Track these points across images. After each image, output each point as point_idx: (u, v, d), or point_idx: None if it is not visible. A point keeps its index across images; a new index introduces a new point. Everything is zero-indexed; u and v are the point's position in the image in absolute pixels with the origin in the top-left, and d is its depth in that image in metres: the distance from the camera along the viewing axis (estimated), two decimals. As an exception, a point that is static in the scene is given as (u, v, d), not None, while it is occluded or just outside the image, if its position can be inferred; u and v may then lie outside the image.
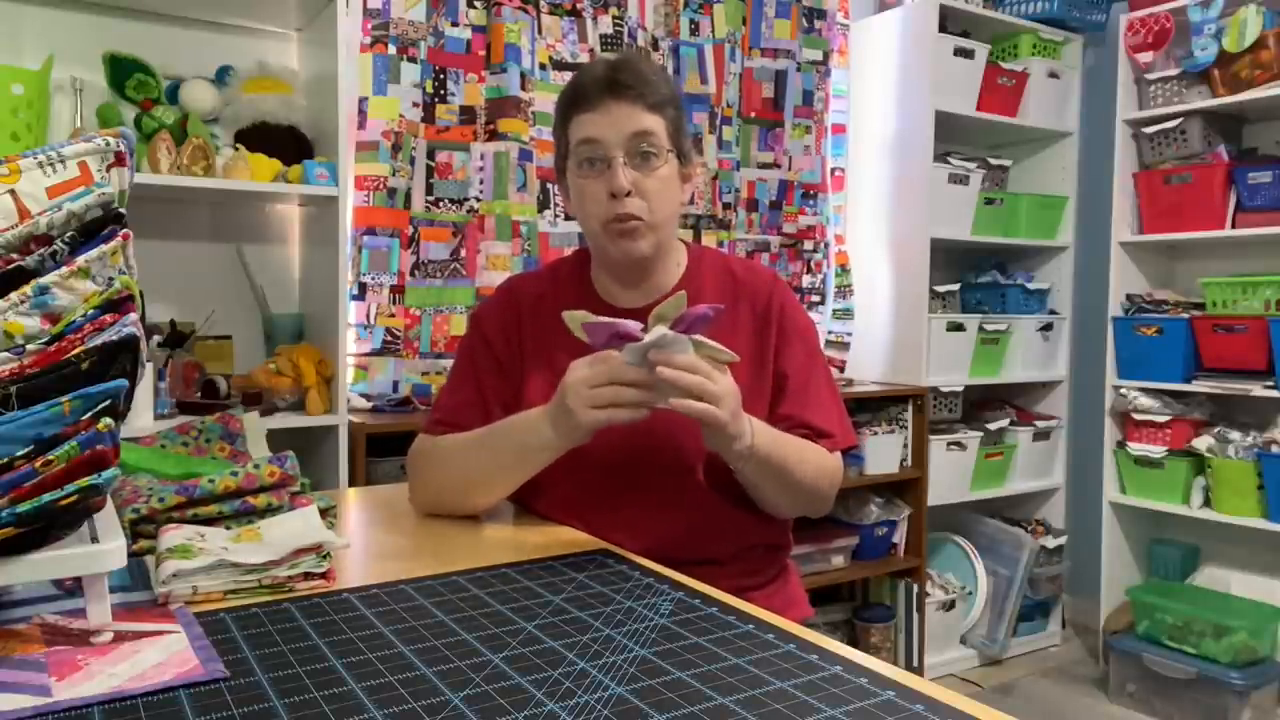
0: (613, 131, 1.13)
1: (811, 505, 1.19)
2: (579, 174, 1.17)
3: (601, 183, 1.14)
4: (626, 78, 1.14)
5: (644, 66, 1.19)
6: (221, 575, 0.84)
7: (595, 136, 1.14)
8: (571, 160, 1.18)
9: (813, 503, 1.19)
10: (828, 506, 1.21)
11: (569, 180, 1.20)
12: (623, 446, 1.14)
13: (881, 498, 2.85)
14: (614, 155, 1.13)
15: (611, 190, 1.13)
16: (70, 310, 0.73)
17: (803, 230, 2.94)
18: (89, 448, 0.69)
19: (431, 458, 1.20)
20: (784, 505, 1.18)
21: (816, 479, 1.16)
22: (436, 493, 1.19)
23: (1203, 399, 2.80)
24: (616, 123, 1.13)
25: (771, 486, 1.13)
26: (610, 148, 1.13)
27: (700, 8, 2.72)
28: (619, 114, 1.13)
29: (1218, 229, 2.69)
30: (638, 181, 1.14)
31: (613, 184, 1.13)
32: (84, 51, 1.94)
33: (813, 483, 1.15)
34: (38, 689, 0.65)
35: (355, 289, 2.25)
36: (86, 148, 0.78)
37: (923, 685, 0.68)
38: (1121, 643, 2.70)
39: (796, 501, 1.17)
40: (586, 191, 1.16)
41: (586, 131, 1.14)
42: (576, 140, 1.16)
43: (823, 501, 1.20)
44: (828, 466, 1.18)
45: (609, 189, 1.13)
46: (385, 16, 2.25)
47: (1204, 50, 2.66)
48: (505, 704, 0.64)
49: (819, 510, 1.21)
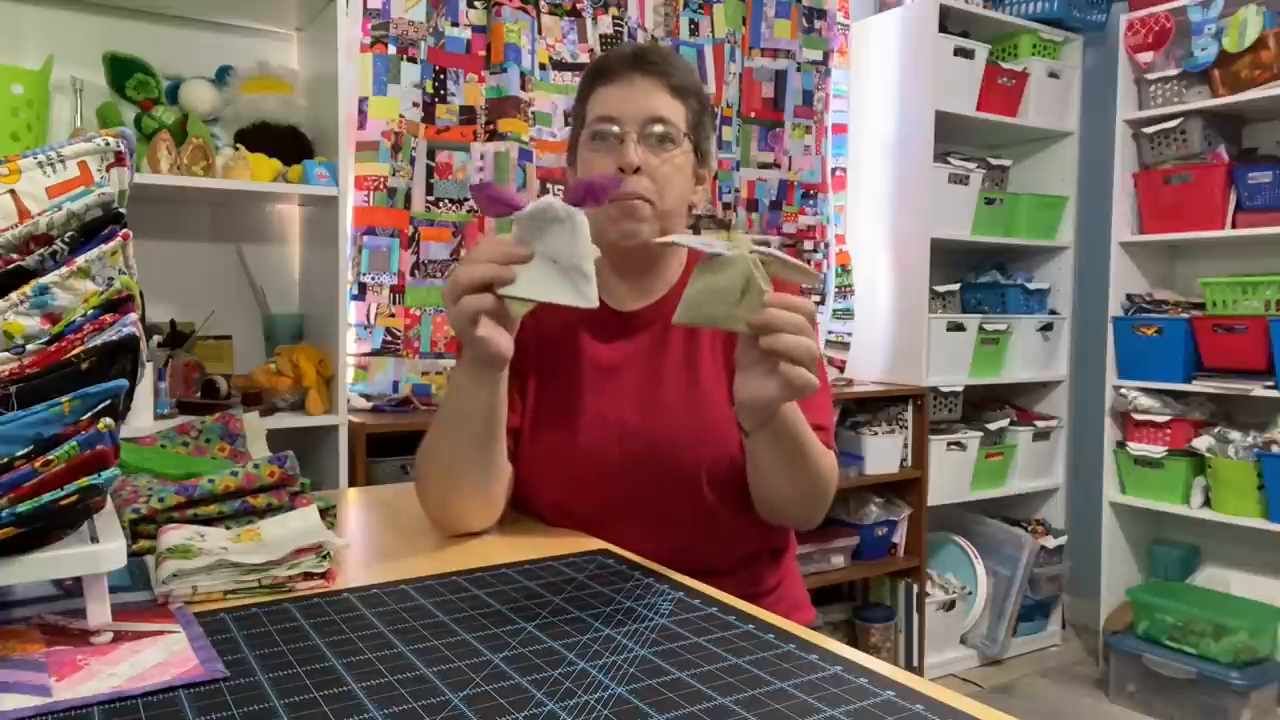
0: (631, 108, 1.11)
1: (814, 502, 1.11)
2: (590, 148, 1.14)
3: (611, 158, 1.11)
4: (654, 56, 1.14)
5: (673, 55, 1.18)
6: (221, 575, 0.84)
7: (613, 114, 1.12)
8: (584, 135, 1.16)
9: (815, 499, 1.11)
10: (822, 513, 1.14)
11: (578, 155, 1.18)
12: (624, 460, 1.12)
13: (881, 498, 2.85)
14: (628, 132, 1.11)
15: (620, 165, 1.10)
16: (70, 310, 0.73)
17: (803, 230, 2.94)
18: (89, 448, 0.69)
19: (419, 458, 1.12)
20: (790, 495, 1.09)
21: (820, 472, 1.08)
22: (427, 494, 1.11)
23: (1203, 399, 2.80)
24: (636, 98, 1.12)
25: (784, 469, 1.05)
26: (625, 124, 1.11)
27: (700, 8, 2.72)
28: (640, 89, 1.12)
29: (1218, 229, 2.69)
30: (648, 162, 1.11)
31: (622, 158, 1.10)
32: (84, 51, 1.94)
33: (817, 474, 1.07)
34: (38, 689, 0.65)
35: (355, 289, 2.25)
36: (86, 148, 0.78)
37: (923, 685, 0.67)
38: (1121, 643, 2.70)
39: (801, 491, 1.09)
40: (593, 165, 1.13)
41: (605, 106, 1.13)
42: (594, 115, 1.14)
43: (824, 500, 1.12)
44: (831, 461, 1.11)
45: (617, 163, 1.10)
46: (385, 16, 2.25)
47: (1204, 50, 2.66)
48: (505, 704, 0.64)
49: (817, 512, 1.13)
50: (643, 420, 1.13)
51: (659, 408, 1.14)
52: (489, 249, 0.90)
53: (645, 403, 1.15)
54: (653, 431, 1.13)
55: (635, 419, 1.14)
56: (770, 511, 1.13)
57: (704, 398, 1.14)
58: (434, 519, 1.11)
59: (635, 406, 1.14)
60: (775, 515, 1.14)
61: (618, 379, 1.16)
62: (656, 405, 1.14)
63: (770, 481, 1.08)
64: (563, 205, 0.87)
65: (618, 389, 1.16)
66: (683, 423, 1.13)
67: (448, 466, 1.06)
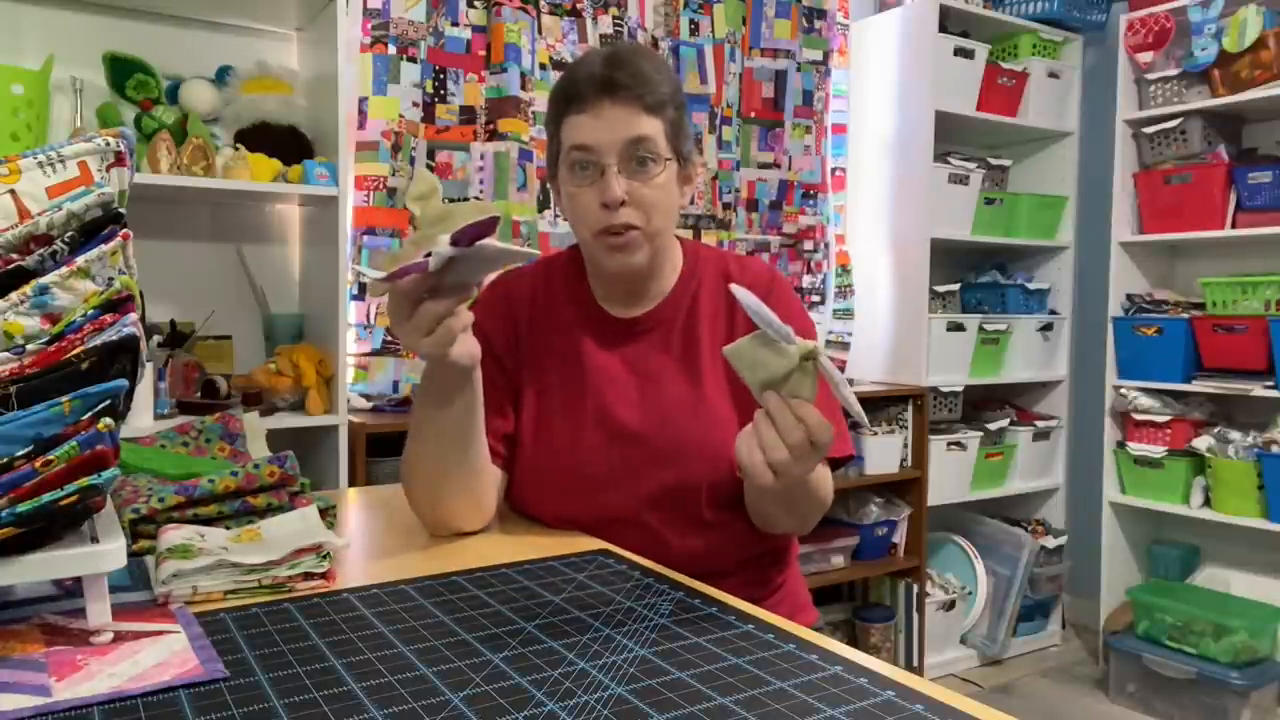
0: (607, 137, 1.06)
1: (809, 521, 1.12)
2: (570, 180, 1.11)
3: (594, 192, 1.08)
4: (623, 77, 1.07)
5: (643, 63, 1.10)
6: (221, 575, 0.84)
7: (588, 143, 1.07)
8: (563, 164, 1.11)
9: (810, 519, 1.12)
10: (816, 523, 1.13)
11: (560, 181, 1.14)
12: (625, 465, 1.12)
13: (881, 498, 2.85)
14: (608, 164, 1.06)
15: (604, 202, 1.07)
16: (70, 310, 0.73)
17: (803, 230, 2.94)
18: (89, 448, 0.69)
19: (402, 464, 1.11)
20: (783, 522, 1.12)
21: (818, 500, 1.08)
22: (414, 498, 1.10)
23: (1203, 399, 2.80)
24: (612, 127, 1.06)
25: (784, 509, 1.07)
26: (604, 154, 1.06)
27: (700, 8, 2.72)
28: (614, 117, 1.06)
29: (1218, 229, 2.69)
30: (633, 190, 1.07)
31: (606, 195, 1.06)
32: (84, 51, 1.94)
33: (815, 502, 1.08)
34: (38, 689, 0.65)
35: (355, 289, 2.25)
36: (86, 148, 0.78)
37: (923, 685, 0.68)
38: (1121, 643, 2.70)
39: (798, 517, 1.10)
40: (578, 200, 1.10)
41: (579, 137, 1.08)
42: (569, 145, 1.09)
43: (818, 516, 1.12)
44: (827, 481, 1.09)
45: (601, 199, 1.07)
46: (385, 16, 2.25)
47: (1204, 50, 2.66)
48: (505, 704, 0.64)
49: (810, 526, 1.13)
50: (645, 426, 1.13)
51: (660, 413, 1.14)
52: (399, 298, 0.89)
53: (646, 408, 1.14)
54: (655, 437, 1.13)
55: (637, 424, 1.13)
56: (764, 526, 1.15)
57: (704, 402, 1.14)
58: (424, 522, 1.12)
59: (636, 411, 1.14)
60: (768, 529, 1.16)
61: (618, 384, 1.16)
62: (657, 410, 1.14)
63: (767, 512, 1.10)
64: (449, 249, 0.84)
65: (618, 394, 1.15)
66: (683, 427, 1.13)
67: (429, 471, 1.06)
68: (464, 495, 1.08)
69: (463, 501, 1.09)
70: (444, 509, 1.09)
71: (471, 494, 1.09)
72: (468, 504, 1.09)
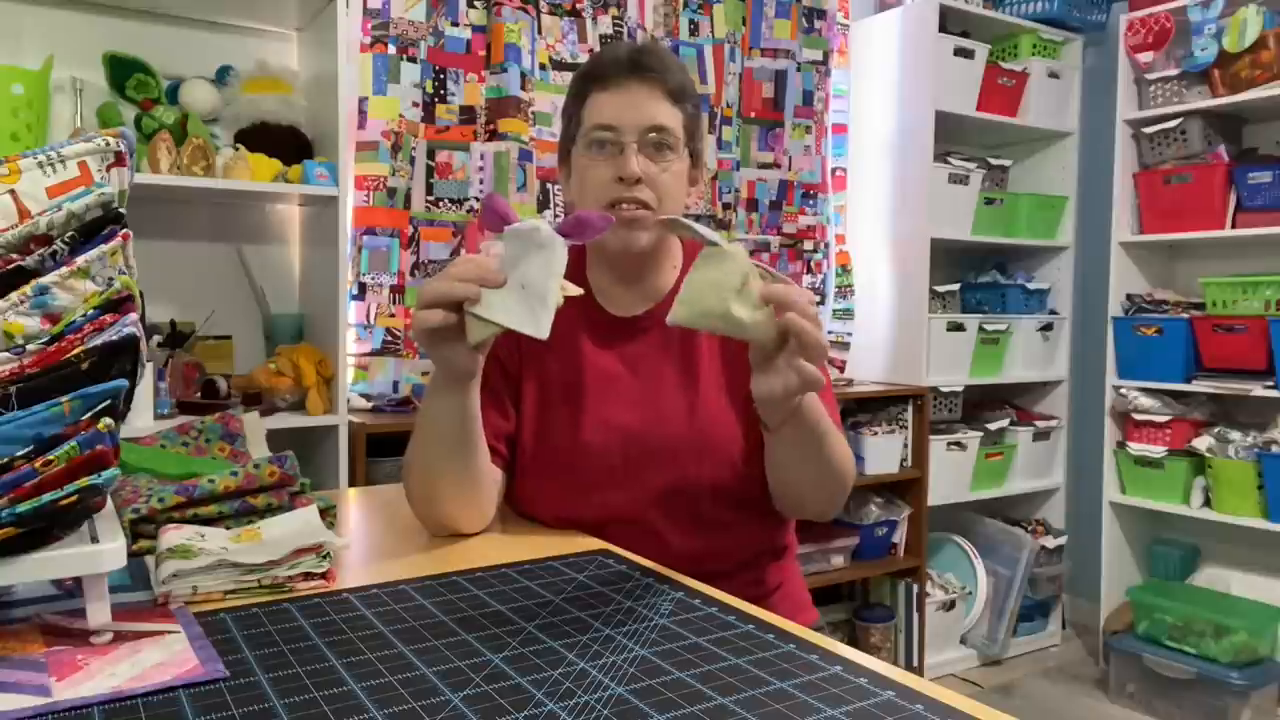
0: (630, 115, 1.10)
1: (834, 492, 1.10)
2: (586, 155, 1.13)
3: (610, 166, 1.11)
4: (650, 60, 1.12)
5: (668, 55, 1.16)
6: (221, 575, 0.84)
7: (611, 122, 1.11)
8: (580, 142, 1.14)
9: (836, 488, 1.10)
10: (841, 502, 1.13)
11: (573, 160, 1.16)
12: (626, 466, 1.12)
13: (881, 498, 2.85)
14: (628, 141, 1.10)
15: (621, 175, 1.09)
16: (70, 310, 0.73)
17: (803, 230, 2.94)
18: (89, 448, 0.69)
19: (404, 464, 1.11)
20: (811, 486, 1.09)
21: (843, 461, 1.08)
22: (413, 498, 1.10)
23: (1203, 399, 2.80)
24: (636, 105, 1.10)
25: (807, 461, 1.05)
26: (625, 134, 1.10)
27: (700, 8, 2.72)
28: (639, 96, 1.11)
29: (1218, 229, 2.69)
30: (649, 171, 1.10)
31: (624, 169, 1.09)
32: (84, 51, 1.94)
33: (840, 463, 1.07)
34: (38, 689, 0.65)
35: (355, 289, 2.25)
36: (86, 148, 0.78)
37: (923, 685, 0.68)
38: (1121, 643, 2.70)
39: (822, 480, 1.08)
40: (591, 173, 1.12)
41: (603, 115, 1.11)
42: (591, 123, 1.12)
43: (843, 489, 1.10)
44: (848, 450, 1.09)
45: (617, 173, 1.10)
46: (385, 16, 2.25)
47: (1204, 50, 2.66)
48: (505, 704, 0.64)
49: (836, 502, 1.12)
50: (644, 425, 1.13)
51: (660, 413, 1.14)
52: (465, 268, 0.91)
53: (646, 408, 1.14)
54: (655, 437, 1.13)
55: (637, 424, 1.13)
56: (789, 505, 1.14)
57: (704, 402, 1.14)
58: (423, 522, 1.12)
59: (637, 412, 1.14)
60: (794, 508, 1.15)
61: (618, 385, 1.16)
62: (657, 410, 1.14)
63: (792, 475, 1.09)
64: (548, 231, 0.89)
65: (619, 395, 1.15)
66: (684, 427, 1.13)
67: (428, 472, 1.07)
68: (464, 497, 1.08)
69: (463, 503, 1.09)
70: (444, 510, 1.09)
71: (472, 495, 1.09)
72: (468, 505, 1.09)
